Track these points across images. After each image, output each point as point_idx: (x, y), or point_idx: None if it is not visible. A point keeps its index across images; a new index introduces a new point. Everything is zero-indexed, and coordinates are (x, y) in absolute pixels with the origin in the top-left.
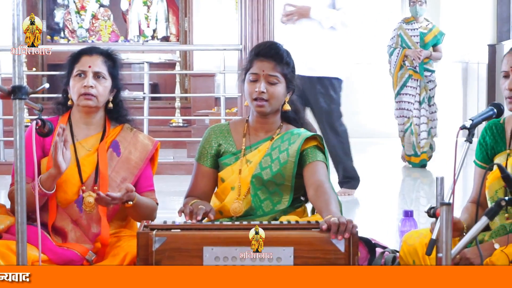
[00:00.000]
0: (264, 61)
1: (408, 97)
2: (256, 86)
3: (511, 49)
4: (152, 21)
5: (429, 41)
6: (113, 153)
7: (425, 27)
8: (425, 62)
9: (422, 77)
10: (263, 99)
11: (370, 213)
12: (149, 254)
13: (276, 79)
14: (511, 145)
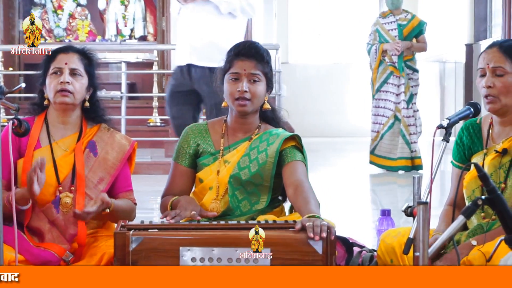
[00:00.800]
0: (245, 60)
1: (389, 95)
2: (238, 85)
3: (487, 47)
4: (130, 20)
5: (409, 33)
6: (90, 153)
7: (403, 18)
8: (408, 59)
9: (401, 73)
10: (245, 98)
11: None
12: (126, 254)
13: (257, 78)
14: (488, 144)
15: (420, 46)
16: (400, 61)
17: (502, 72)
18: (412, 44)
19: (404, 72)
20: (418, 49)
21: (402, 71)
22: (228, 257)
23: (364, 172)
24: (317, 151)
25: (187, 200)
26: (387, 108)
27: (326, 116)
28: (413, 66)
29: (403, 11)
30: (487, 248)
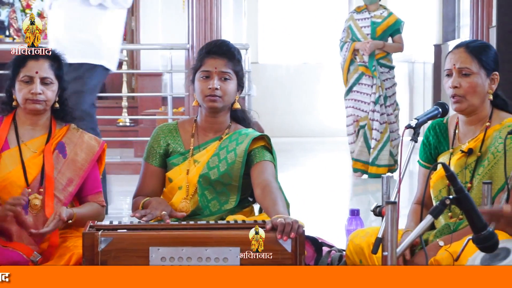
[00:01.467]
0: (217, 58)
1: (361, 95)
2: (209, 83)
3: (454, 48)
4: None
5: (383, 32)
6: (59, 154)
7: (378, 15)
8: (382, 57)
9: (372, 73)
10: (216, 95)
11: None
12: (94, 255)
13: (228, 76)
14: (454, 144)
15: (395, 46)
16: (372, 61)
17: (469, 72)
18: (384, 44)
19: (376, 71)
20: (392, 50)
21: (374, 71)
22: (198, 256)
23: (333, 172)
24: (287, 151)
25: (158, 200)
26: (360, 109)
27: (296, 116)
28: (387, 63)
29: (380, 6)
30: (455, 248)
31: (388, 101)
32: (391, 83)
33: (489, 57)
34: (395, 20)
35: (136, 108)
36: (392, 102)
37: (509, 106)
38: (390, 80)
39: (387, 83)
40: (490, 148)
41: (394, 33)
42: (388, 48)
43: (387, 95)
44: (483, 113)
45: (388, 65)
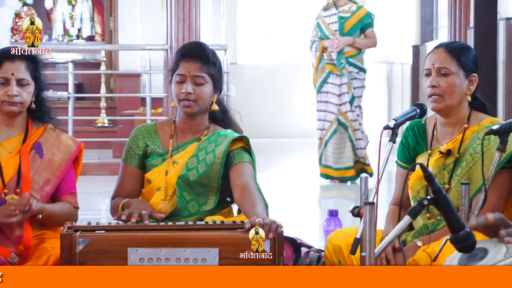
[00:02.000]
0: (190, 62)
1: (330, 96)
2: (183, 87)
3: (434, 48)
4: (77, 20)
5: (352, 27)
6: (35, 154)
7: (347, 10)
8: (351, 56)
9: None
10: (190, 99)
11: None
12: (72, 256)
13: (203, 80)
14: (432, 145)
15: (366, 42)
16: (339, 58)
17: (447, 72)
18: (354, 39)
19: (345, 69)
20: (363, 45)
21: (343, 68)
22: (176, 257)
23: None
24: (266, 151)
25: (138, 201)
26: (329, 111)
27: (275, 116)
28: (357, 63)
29: (349, 1)
30: (432, 249)
31: (355, 102)
32: (359, 84)
33: (469, 58)
34: (364, 14)
35: (115, 108)
36: (358, 104)
37: (487, 108)
38: (359, 81)
39: (355, 82)
40: (468, 149)
41: (365, 28)
42: (359, 43)
43: (354, 96)
44: (461, 114)
45: (358, 66)
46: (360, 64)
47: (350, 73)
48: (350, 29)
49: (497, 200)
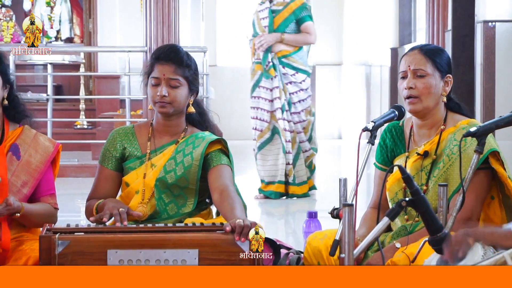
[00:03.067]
0: (165, 65)
1: (261, 102)
2: (158, 90)
3: (409, 50)
4: (56, 22)
5: (283, 22)
6: (12, 156)
7: (280, 2)
8: (284, 55)
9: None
10: (164, 102)
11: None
12: (51, 258)
13: (177, 82)
14: (410, 147)
15: (298, 38)
16: (265, 57)
17: (423, 74)
18: (282, 36)
19: (273, 70)
20: (295, 42)
21: (270, 69)
22: (156, 258)
23: None
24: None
25: (113, 201)
26: (260, 119)
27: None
28: (292, 64)
29: None
30: (411, 250)
31: (293, 108)
32: (296, 88)
33: (443, 60)
34: (298, 5)
35: (94, 110)
36: (300, 110)
37: (463, 109)
38: (295, 85)
39: (291, 87)
40: (445, 150)
41: (301, 21)
42: (290, 40)
43: (291, 101)
44: (438, 116)
45: (294, 67)
46: (298, 64)
47: (284, 75)
48: (280, 24)
49: (474, 201)
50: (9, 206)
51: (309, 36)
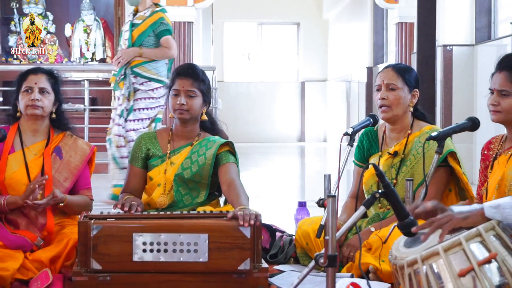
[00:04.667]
0: (184, 79)
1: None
2: (178, 99)
3: (383, 68)
4: (91, 45)
5: (140, 35)
6: (56, 156)
7: (141, 16)
8: (136, 65)
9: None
10: (183, 109)
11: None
12: (88, 240)
13: (194, 93)
14: (382, 148)
15: (156, 52)
16: (120, 70)
17: (395, 87)
18: (140, 51)
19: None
20: (153, 56)
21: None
22: (173, 241)
23: (285, 171)
24: (248, 154)
25: (133, 199)
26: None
27: (255, 125)
28: (142, 73)
29: (153, 4)
30: (383, 233)
31: (132, 115)
32: (144, 95)
33: (411, 76)
34: (155, 20)
35: None
36: (138, 118)
37: (426, 117)
38: (143, 92)
39: (138, 93)
40: (412, 151)
41: (160, 35)
42: (147, 54)
43: (132, 108)
44: (406, 122)
45: (144, 76)
46: (149, 74)
47: (133, 84)
48: (138, 38)
49: (435, 192)
50: (55, 197)
51: (168, 50)
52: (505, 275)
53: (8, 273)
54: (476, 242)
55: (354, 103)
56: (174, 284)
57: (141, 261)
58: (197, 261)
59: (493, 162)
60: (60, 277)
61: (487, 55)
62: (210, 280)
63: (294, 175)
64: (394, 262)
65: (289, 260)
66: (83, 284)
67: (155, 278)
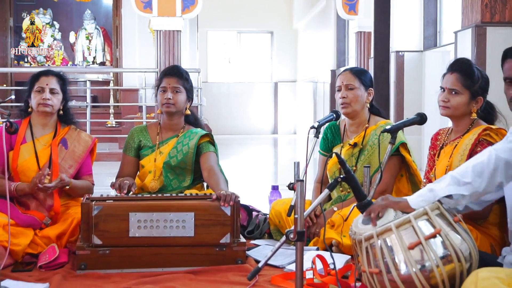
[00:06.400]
0: (170, 78)
1: None
2: (165, 95)
3: (343, 71)
4: (93, 50)
5: None
6: (62, 147)
7: None
8: None
9: None
10: (169, 103)
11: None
12: (90, 219)
13: (179, 89)
14: (344, 140)
15: None
16: None
17: (353, 87)
18: None
19: None
20: None
21: None
22: (164, 219)
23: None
24: (228, 144)
25: (126, 178)
26: None
27: (234, 119)
28: None
29: None
30: (344, 212)
31: None
32: None
33: (366, 78)
34: None
35: (120, 114)
36: None
37: (381, 113)
38: None
39: None
40: (369, 142)
41: None
42: None
43: None
44: (363, 117)
45: None
46: None
47: None
48: None
49: (389, 178)
50: (63, 181)
51: None
52: (448, 248)
53: (20, 247)
54: (423, 220)
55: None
56: (165, 256)
57: (136, 236)
58: (185, 236)
59: (440, 150)
60: (66, 251)
61: (433, 60)
62: (196, 253)
63: (268, 162)
64: (354, 237)
65: (264, 236)
66: (86, 257)
67: (149, 251)
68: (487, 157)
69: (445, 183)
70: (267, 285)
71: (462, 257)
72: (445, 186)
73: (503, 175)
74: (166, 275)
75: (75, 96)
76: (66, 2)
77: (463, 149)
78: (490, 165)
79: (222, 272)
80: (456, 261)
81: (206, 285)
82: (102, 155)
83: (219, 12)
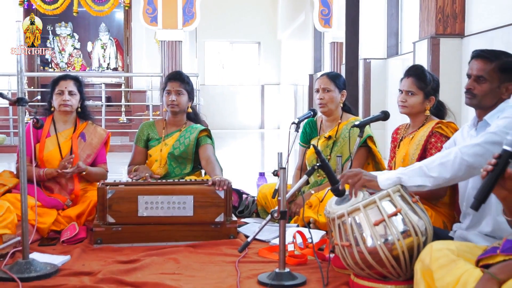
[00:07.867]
0: (174, 82)
1: None
2: (170, 97)
3: (320, 75)
4: (107, 57)
5: None
6: (81, 139)
7: None
8: None
9: None
10: (174, 104)
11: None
12: (104, 201)
13: (181, 92)
14: (320, 133)
15: None
16: None
17: (329, 89)
18: None
19: None
20: None
21: None
22: (168, 201)
23: (249, 149)
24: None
25: (143, 167)
26: None
27: (227, 116)
28: None
29: None
30: (320, 194)
31: None
32: None
33: (340, 81)
34: None
35: (130, 111)
36: None
37: (352, 111)
38: None
39: None
40: (341, 135)
41: None
42: None
43: None
44: (337, 115)
45: None
46: None
47: None
48: None
49: (358, 165)
50: (79, 168)
51: None
52: (407, 225)
53: (46, 225)
54: (387, 201)
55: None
56: (169, 232)
57: (144, 216)
58: (185, 215)
59: (400, 142)
60: (84, 228)
61: (395, 66)
62: (194, 229)
63: (256, 153)
64: (328, 216)
65: (252, 215)
66: (101, 233)
67: (155, 228)
68: (453, 157)
69: (413, 173)
70: (255, 256)
71: (419, 231)
72: (412, 177)
73: (465, 175)
74: (170, 248)
75: (91, 97)
76: (84, 16)
77: (419, 140)
78: (455, 165)
79: (217, 246)
80: (414, 235)
81: (203, 256)
82: (115, 146)
83: (214, 25)
